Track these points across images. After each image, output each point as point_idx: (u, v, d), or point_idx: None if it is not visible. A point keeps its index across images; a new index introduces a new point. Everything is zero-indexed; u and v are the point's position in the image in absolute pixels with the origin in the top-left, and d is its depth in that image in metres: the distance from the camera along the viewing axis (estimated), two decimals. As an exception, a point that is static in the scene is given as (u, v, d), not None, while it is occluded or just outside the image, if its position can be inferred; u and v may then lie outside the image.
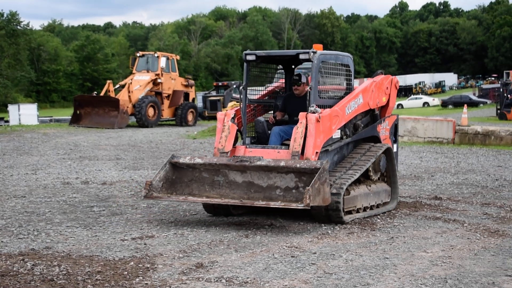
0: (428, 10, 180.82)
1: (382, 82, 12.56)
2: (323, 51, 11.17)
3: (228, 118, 11.20)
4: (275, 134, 11.34)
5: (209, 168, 10.63)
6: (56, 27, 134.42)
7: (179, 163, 10.81)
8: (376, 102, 12.35)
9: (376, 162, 11.74)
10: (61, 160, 20.10)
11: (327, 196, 9.74)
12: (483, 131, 26.59)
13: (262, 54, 11.65)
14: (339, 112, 11.05)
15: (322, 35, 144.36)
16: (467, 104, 49.81)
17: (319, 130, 10.45)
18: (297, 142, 10.38)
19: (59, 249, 8.81)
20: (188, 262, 8.08)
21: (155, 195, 10.51)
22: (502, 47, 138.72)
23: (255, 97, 12.26)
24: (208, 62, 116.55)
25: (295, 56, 11.40)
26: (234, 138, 11.18)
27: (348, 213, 10.77)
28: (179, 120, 39.25)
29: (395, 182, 12.28)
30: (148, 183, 10.49)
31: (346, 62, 11.86)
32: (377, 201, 11.64)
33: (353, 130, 11.86)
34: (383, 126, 12.67)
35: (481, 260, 8.27)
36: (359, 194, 11.06)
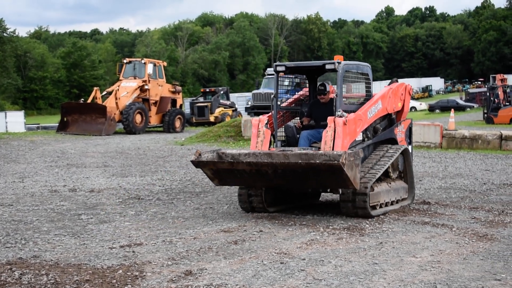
0: (414, 15, 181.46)
1: (398, 89, 13.72)
2: (346, 61, 12.19)
3: (262, 124, 12.21)
4: (303, 137, 12.29)
5: (252, 158, 11.44)
6: (42, 34, 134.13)
7: (225, 153, 11.83)
8: (393, 107, 13.49)
9: (395, 162, 12.82)
10: (49, 168, 20.02)
11: (357, 180, 10.75)
12: (471, 135, 26.65)
13: (291, 65, 12.79)
14: (362, 116, 12.08)
15: (309, 41, 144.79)
16: (454, 108, 49.95)
17: (345, 132, 11.41)
18: (328, 144, 11.33)
19: (47, 257, 8.76)
20: (177, 269, 8.05)
21: (203, 160, 11.39)
22: (488, 51, 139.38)
23: (284, 104, 13.34)
24: (195, 68, 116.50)
25: (321, 66, 12.36)
26: (269, 142, 12.20)
27: (373, 208, 11.73)
28: (167, 127, 39.18)
29: (411, 180, 13.37)
30: (199, 152, 11.53)
31: (365, 71, 13.01)
32: (397, 197, 12.71)
33: (373, 133, 12.90)
34: (399, 129, 13.79)
35: (470, 264, 8.28)
36: (382, 191, 12.06)
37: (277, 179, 11.12)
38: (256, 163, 10.97)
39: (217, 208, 12.81)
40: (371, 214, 11.46)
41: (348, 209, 11.51)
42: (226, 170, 11.35)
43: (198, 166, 11.57)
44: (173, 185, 16.09)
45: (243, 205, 12.30)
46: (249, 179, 11.37)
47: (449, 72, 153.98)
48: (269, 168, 10.90)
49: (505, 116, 46.12)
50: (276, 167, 10.84)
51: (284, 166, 10.78)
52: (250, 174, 11.15)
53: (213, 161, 11.42)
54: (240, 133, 30.95)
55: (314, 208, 12.62)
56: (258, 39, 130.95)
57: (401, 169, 13.13)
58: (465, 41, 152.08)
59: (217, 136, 31.11)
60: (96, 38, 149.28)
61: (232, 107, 48.71)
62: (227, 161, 11.34)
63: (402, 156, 13.12)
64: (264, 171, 10.98)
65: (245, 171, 11.12)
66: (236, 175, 11.33)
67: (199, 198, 14.16)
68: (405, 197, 13.07)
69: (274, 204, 12.44)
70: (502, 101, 48.33)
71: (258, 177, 11.20)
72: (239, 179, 11.49)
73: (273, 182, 11.32)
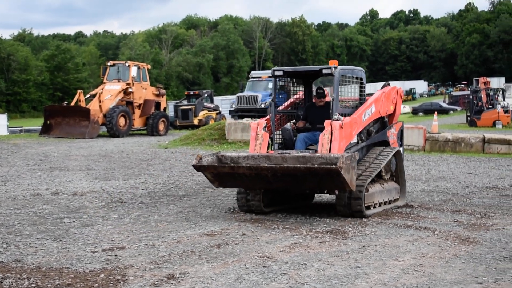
0: (398, 18, 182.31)
1: (390, 92, 14.04)
2: (342, 66, 12.60)
3: (260, 127, 12.58)
4: (300, 140, 12.72)
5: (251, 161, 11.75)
6: (26, 37, 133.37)
7: (224, 156, 12.09)
8: (385, 110, 13.82)
9: (387, 163, 13.09)
10: (31, 171, 19.93)
11: (353, 181, 11.00)
12: (454, 138, 26.76)
13: (289, 70, 13.27)
14: (357, 120, 12.44)
15: (293, 43, 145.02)
16: (438, 111, 50.35)
17: (342, 136, 11.75)
18: (325, 147, 11.64)
19: (28, 261, 8.71)
20: (159, 273, 8.02)
21: (204, 164, 11.69)
22: (471, 54, 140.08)
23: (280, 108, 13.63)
24: (179, 71, 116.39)
25: (318, 71, 12.89)
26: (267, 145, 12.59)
27: (367, 208, 12.09)
28: (151, 130, 39.15)
29: (403, 181, 13.73)
30: (200, 156, 11.84)
31: (360, 75, 13.42)
32: (389, 197, 13.08)
33: (367, 135, 13.28)
34: (391, 131, 14.14)
35: (452, 267, 8.30)
36: (376, 191, 12.44)
37: (276, 182, 11.44)
38: (256, 167, 11.24)
39: (200, 211, 12.78)
40: (366, 214, 11.84)
41: (343, 210, 11.85)
42: (226, 174, 11.66)
43: (199, 170, 11.84)
44: (156, 189, 16.05)
45: (241, 206, 12.56)
46: (249, 182, 11.66)
47: (433, 75, 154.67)
48: (269, 172, 11.17)
49: (488, 119, 46.34)
50: (276, 171, 11.10)
51: (284, 170, 11.05)
52: (250, 177, 11.45)
53: (214, 165, 11.75)
54: (224, 136, 30.92)
55: (297, 211, 12.61)
56: (242, 42, 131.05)
57: (393, 170, 13.45)
58: (448, 44, 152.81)
59: (201, 139, 31.07)
60: (80, 40, 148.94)
61: (216, 110, 48.67)
62: (228, 165, 11.64)
63: (394, 158, 13.43)
64: (263, 174, 11.27)
65: (245, 175, 11.42)
66: (236, 178, 11.63)
67: (182, 201, 14.13)
68: (397, 198, 13.43)
69: (271, 204, 12.72)
70: (485, 104, 48.55)
71: (258, 180, 11.50)
72: (239, 181, 11.78)
73: (272, 184, 11.63)
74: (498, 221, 11.63)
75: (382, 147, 13.44)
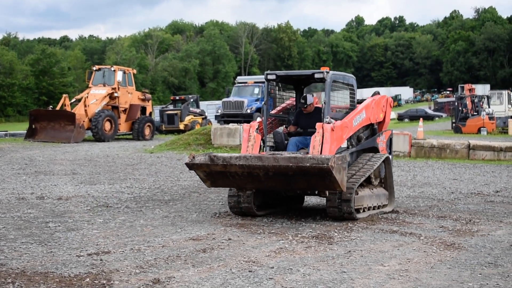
0: (384, 25, 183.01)
1: (380, 100, 14.32)
2: (334, 71, 12.79)
3: (253, 129, 12.64)
4: (292, 143, 12.90)
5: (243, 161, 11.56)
6: (11, 41, 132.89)
7: (217, 156, 11.91)
8: (375, 118, 14.02)
9: (377, 169, 13.20)
10: (16, 175, 19.84)
11: (344, 182, 11.16)
12: (439, 145, 26.87)
13: (281, 74, 13.38)
14: (348, 124, 12.64)
15: (279, 49, 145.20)
16: (423, 117, 50.45)
17: (333, 138, 11.91)
18: (316, 149, 11.78)
19: (13, 265, 8.67)
20: (145, 278, 8.01)
21: (197, 163, 11.74)
22: (456, 62, 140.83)
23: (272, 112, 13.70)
24: (165, 76, 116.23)
25: (310, 76, 13.01)
26: (259, 146, 12.66)
27: (357, 211, 12.22)
28: (136, 134, 39.08)
29: (392, 188, 13.74)
30: (193, 154, 11.93)
31: (351, 82, 13.55)
32: (378, 203, 13.16)
33: (357, 141, 13.43)
34: (381, 138, 14.35)
35: (438, 273, 8.32)
36: (365, 195, 12.61)
37: (268, 181, 11.53)
38: (248, 166, 11.29)
39: (186, 216, 12.77)
40: (355, 216, 12.02)
41: (334, 211, 12.01)
42: (218, 173, 11.72)
43: (192, 168, 11.92)
44: (142, 193, 16.02)
45: (233, 208, 12.66)
46: (241, 181, 11.72)
47: (418, 82, 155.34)
48: (261, 170, 11.26)
49: (473, 125, 46.50)
50: (268, 170, 11.20)
51: (275, 169, 11.14)
52: (242, 176, 11.55)
53: (206, 163, 11.72)
54: (210, 141, 30.90)
55: (283, 216, 12.62)
56: (228, 47, 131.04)
57: (382, 176, 13.53)
58: (434, 51, 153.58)
59: (187, 144, 31.04)
60: (65, 45, 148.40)
61: (202, 115, 48.61)
62: (220, 164, 11.60)
63: (384, 164, 13.50)
64: (255, 173, 11.36)
65: (237, 174, 11.52)
66: (228, 177, 11.71)
67: (168, 206, 14.11)
68: (385, 204, 13.47)
69: (262, 207, 12.88)
70: (470, 110, 48.72)
71: (250, 179, 11.57)
72: (231, 181, 11.83)
73: (264, 184, 11.71)
74: (483, 227, 11.68)
75: (372, 153, 13.62)
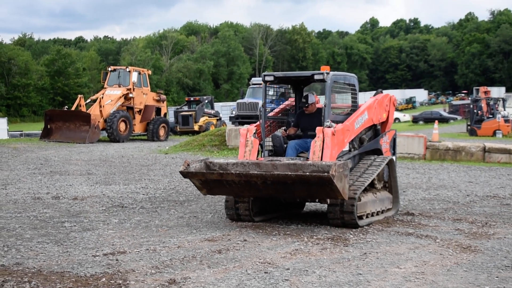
0: (398, 27, 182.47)
1: (383, 100, 13.81)
2: (334, 72, 12.29)
3: (250, 134, 12.26)
4: (291, 147, 12.36)
5: (240, 168, 11.50)
6: (26, 41, 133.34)
7: (213, 163, 11.80)
8: (378, 118, 13.57)
9: (380, 172, 12.75)
10: (32, 175, 19.91)
11: (346, 190, 10.75)
12: (454, 147, 26.75)
13: (280, 75, 12.85)
14: (350, 127, 12.21)
15: (294, 51, 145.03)
16: (438, 120, 50.23)
17: (334, 143, 11.52)
18: (316, 154, 11.42)
19: (29, 265, 8.70)
20: (160, 278, 8.01)
21: (192, 171, 11.33)
22: (471, 64, 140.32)
23: (271, 114, 13.30)
24: (179, 77, 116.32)
25: (310, 77, 12.53)
26: (257, 151, 12.28)
27: (360, 218, 11.71)
28: (151, 135, 39.11)
29: (396, 191, 13.35)
30: (187, 162, 11.44)
31: (352, 82, 13.08)
32: (382, 207, 12.72)
33: (359, 143, 12.97)
34: (384, 139, 13.86)
35: (454, 276, 8.29)
36: (368, 201, 12.10)
37: (265, 190, 11.09)
38: (245, 174, 10.88)
39: (201, 217, 12.77)
40: (358, 224, 11.50)
41: (336, 219, 11.52)
42: (215, 181, 11.27)
43: (186, 177, 11.45)
44: (157, 194, 16.04)
45: (230, 214, 12.28)
46: (238, 189, 11.30)
47: (433, 84, 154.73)
48: (258, 179, 10.82)
49: (488, 128, 46.34)
50: (266, 179, 10.76)
51: (274, 178, 10.71)
52: (239, 185, 11.10)
53: (201, 172, 11.38)
54: (225, 142, 30.92)
55: (298, 218, 12.61)
56: (242, 49, 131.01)
57: (386, 179, 13.12)
58: (449, 53, 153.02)
59: (202, 145, 31.06)
60: (80, 46, 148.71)
61: (216, 116, 48.65)
62: (216, 172, 11.26)
63: (387, 167, 13.11)
64: (253, 182, 10.90)
65: (234, 182, 11.06)
66: (225, 185, 11.25)
67: (183, 207, 14.12)
68: (389, 208, 13.10)
69: (260, 213, 12.42)
70: (485, 113, 48.55)
71: (247, 188, 11.15)
72: (227, 189, 11.39)
73: (261, 192, 11.28)
74: (499, 230, 11.62)
75: (375, 156, 13.20)
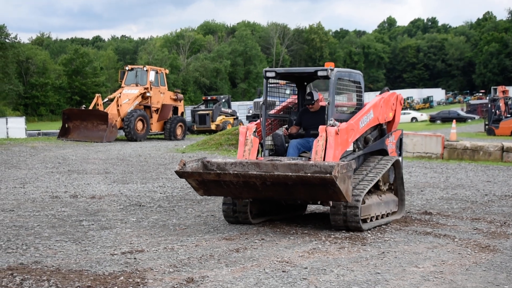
0: (416, 26, 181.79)
1: (389, 98, 13.31)
2: (339, 68, 11.77)
3: (250, 132, 11.74)
4: (292, 147, 11.87)
5: (239, 168, 11.05)
6: (44, 40, 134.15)
7: (210, 162, 11.31)
8: (384, 117, 13.05)
9: (385, 174, 12.30)
10: (50, 174, 20.00)
11: (349, 192, 10.28)
12: (472, 147, 26.62)
13: (281, 71, 12.29)
14: (354, 126, 11.70)
15: (311, 50, 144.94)
16: (455, 119, 50.01)
17: (337, 142, 11.00)
18: (319, 154, 10.91)
19: (48, 263, 8.73)
20: (178, 276, 8.02)
21: (188, 171, 10.79)
22: (489, 63, 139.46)
23: (272, 112, 12.84)
24: (196, 76, 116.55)
25: (313, 73, 11.93)
26: (257, 151, 11.76)
27: (364, 222, 11.25)
28: (168, 134, 39.20)
29: (402, 193, 12.85)
30: (183, 161, 10.92)
31: (357, 79, 12.53)
32: (387, 210, 12.20)
33: (364, 143, 12.45)
34: (390, 140, 13.34)
35: (473, 275, 8.25)
36: (373, 203, 11.61)
37: (265, 191, 10.60)
38: (244, 175, 10.39)
39: (219, 215, 12.76)
40: (362, 227, 11.02)
41: (338, 222, 11.05)
42: (212, 181, 10.74)
43: (182, 177, 10.91)
44: (174, 192, 16.07)
45: (228, 217, 11.84)
46: (236, 190, 10.78)
47: (451, 83, 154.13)
48: (258, 180, 10.35)
49: (506, 128, 46.07)
50: (265, 179, 10.31)
51: (274, 179, 10.25)
52: (237, 185, 10.60)
53: (198, 171, 10.84)
54: (242, 141, 30.85)
55: (314, 218, 12.58)
56: (259, 48, 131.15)
57: (391, 181, 12.62)
58: (466, 52, 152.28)
59: (219, 144, 31.09)
60: (98, 45, 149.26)
61: (233, 116, 48.73)
62: (213, 172, 10.72)
63: (393, 168, 12.63)
64: (252, 182, 10.43)
65: (232, 183, 10.56)
66: (222, 186, 10.73)
67: (201, 205, 14.14)
68: (395, 211, 12.59)
69: (259, 215, 12.05)
70: (503, 113, 48.28)
71: (246, 188, 10.64)
72: (225, 190, 10.86)
73: (261, 193, 10.77)
74: (518, 230, 11.57)
75: (380, 156, 12.68)
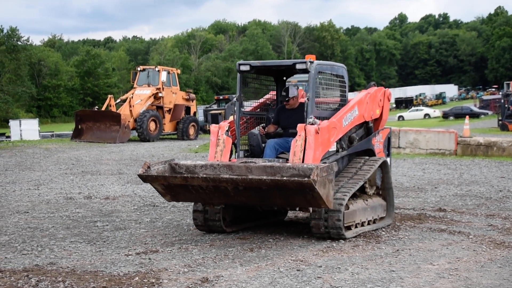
0: (427, 22, 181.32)
1: (376, 94, 12.37)
2: (319, 61, 10.86)
3: (222, 131, 10.85)
4: (270, 147, 10.95)
5: (210, 171, 10.08)
6: (56, 42, 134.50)
7: (179, 164, 10.34)
8: (370, 114, 12.14)
9: (372, 176, 11.48)
10: (64, 175, 20.06)
11: (330, 198, 9.35)
12: (486, 142, 26.53)
13: (257, 64, 11.36)
14: (336, 124, 10.80)
15: (322, 48, 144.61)
16: (468, 115, 49.83)
17: (318, 142, 10.16)
18: (297, 156, 10.08)
19: (63, 264, 8.77)
20: (193, 276, 8.03)
21: (152, 174, 9.84)
22: (502, 58, 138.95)
23: (248, 109, 11.89)
24: (208, 76, 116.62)
25: (291, 66, 11.07)
26: (230, 152, 10.86)
27: (348, 229, 10.47)
28: (181, 134, 39.23)
29: (391, 197, 11.93)
30: (147, 164, 9.92)
31: (340, 73, 11.66)
32: (374, 216, 11.31)
33: (348, 143, 11.58)
34: (377, 139, 12.47)
35: (488, 272, 8.22)
36: (357, 209, 10.76)
37: (238, 196, 9.70)
38: (213, 179, 9.44)
39: (232, 215, 12.76)
40: (345, 235, 10.20)
41: (319, 231, 10.22)
42: (179, 186, 9.79)
43: (146, 181, 9.95)
44: (188, 193, 16.06)
45: (199, 225, 10.97)
46: (206, 196, 9.88)
47: (463, 79, 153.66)
48: (229, 184, 9.43)
49: (519, 123, 45.97)
50: (237, 184, 9.38)
51: (246, 183, 9.30)
52: (207, 190, 9.68)
53: (163, 175, 9.86)
54: (254, 140, 30.85)
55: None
56: (271, 47, 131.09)
57: (379, 184, 11.79)
58: (478, 48, 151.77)
59: (231, 144, 31.04)
60: (109, 46, 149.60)
61: (245, 115, 48.66)
62: (180, 176, 9.70)
63: (380, 170, 11.80)
64: (223, 187, 9.53)
65: (201, 187, 9.63)
66: (191, 191, 9.83)
67: (214, 205, 14.13)
68: (383, 216, 11.67)
69: (234, 222, 11.19)
70: (516, 108, 48.15)
71: (216, 194, 9.74)
72: (194, 195, 9.97)
73: (233, 199, 9.86)
74: (533, 226, 11.52)
75: (366, 157, 11.79)
